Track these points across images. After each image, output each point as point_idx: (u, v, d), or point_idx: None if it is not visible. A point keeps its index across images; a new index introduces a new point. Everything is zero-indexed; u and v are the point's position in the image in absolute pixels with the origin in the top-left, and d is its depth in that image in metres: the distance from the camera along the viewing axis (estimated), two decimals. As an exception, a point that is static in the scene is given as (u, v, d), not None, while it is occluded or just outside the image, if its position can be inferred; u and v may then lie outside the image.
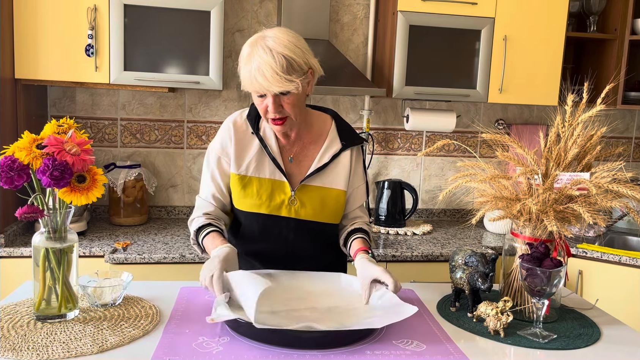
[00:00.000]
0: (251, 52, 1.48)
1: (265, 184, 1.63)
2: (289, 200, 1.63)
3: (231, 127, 1.66)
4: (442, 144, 1.55)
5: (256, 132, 1.65)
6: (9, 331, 1.26)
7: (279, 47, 1.47)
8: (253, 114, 1.66)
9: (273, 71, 1.45)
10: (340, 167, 1.69)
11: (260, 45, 1.48)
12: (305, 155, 1.68)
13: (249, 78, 1.48)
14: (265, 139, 1.65)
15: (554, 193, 1.42)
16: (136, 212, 2.72)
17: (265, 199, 1.63)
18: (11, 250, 2.24)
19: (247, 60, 1.49)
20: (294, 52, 1.49)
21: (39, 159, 1.25)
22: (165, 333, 1.30)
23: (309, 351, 1.23)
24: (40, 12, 2.36)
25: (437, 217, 3.21)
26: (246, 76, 1.49)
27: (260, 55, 1.46)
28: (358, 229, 1.70)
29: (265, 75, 1.45)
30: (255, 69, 1.46)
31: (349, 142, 1.70)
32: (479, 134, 3.18)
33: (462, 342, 1.33)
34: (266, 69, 1.45)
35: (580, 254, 2.57)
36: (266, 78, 1.45)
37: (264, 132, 1.66)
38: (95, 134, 2.84)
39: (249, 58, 1.48)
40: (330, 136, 1.70)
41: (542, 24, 2.75)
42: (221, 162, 1.66)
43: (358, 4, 2.98)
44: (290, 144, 1.67)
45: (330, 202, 1.67)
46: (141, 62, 2.45)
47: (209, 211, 1.66)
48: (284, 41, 1.49)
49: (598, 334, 1.41)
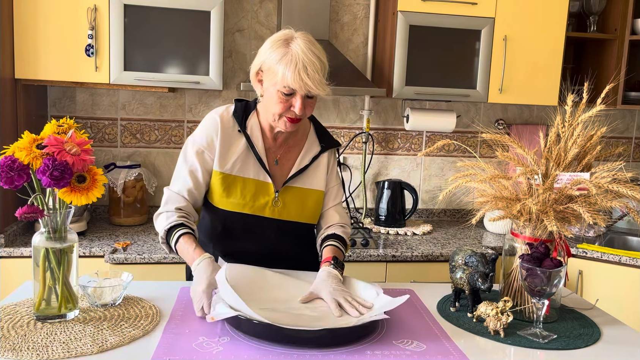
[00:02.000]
0: (289, 49, 1.48)
1: (250, 184, 1.62)
2: (273, 201, 1.64)
3: (218, 121, 1.62)
4: (442, 144, 1.55)
5: (243, 130, 1.63)
6: (9, 331, 1.26)
7: (318, 52, 1.50)
8: (240, 112, 1.64)
9: (317, 73, 1.47)
10: (320, 168, 1.71)
11: (298, 44, 1.48)
12: (288, 159, 1.69)
13: (291, 74, 1.46)
14: (252, 138, 1.63)
15: (554, 193, 1.42)
16: (136, 212, 2.72)
17: (249, 200, 1.62)
18: (11, 250, 2.24)
19: (286, 58, 1.47)
20: (325, 59, 1.54)
21: (39, 159, 1.25)
22: (165, 333, 1.30)
23: (309, 351, 1.23)
24: (40, 12, 2.36)
25: (437, 217, 3.21)
26: (286, 72, 1.46)
27: (305, 54, 1.46)
28: (331, 235, 1.69)
29: (310, 75, 1.46)
30: (302, 66, 1.45)
31: (327, 144, 1.73)
32: (479, 134, 3.18)
33: (462, 342, 1.33)
34: (312, 69, 1.46)
35: (580, 254, 2.57)
36: (311, 77, 1.46)
37: (251, 131, 1.64)
38: (95, 134, 2.84)
39: (287, 54, 1.47)
40: (310, 138, 1.72)
41: (542, 24, 2.75)
42: (204, 156, 1.62)
43: (358, 4, 2.98)
44: (276, 146, 1.67)
45: (311, 203, 1.69)
46: (141, 62, 2.45)
47: (180, 206, 1.59)
48: (318, 47, 1.53)
49: (598, 334, 1.41)
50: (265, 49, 1.53)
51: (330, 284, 1.47)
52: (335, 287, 1.46)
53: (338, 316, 1.37)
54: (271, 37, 1.55)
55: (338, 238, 1.68)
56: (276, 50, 1.49)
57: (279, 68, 1.48)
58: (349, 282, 1.56)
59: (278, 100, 1.51)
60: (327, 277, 1.49)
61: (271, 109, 1.55)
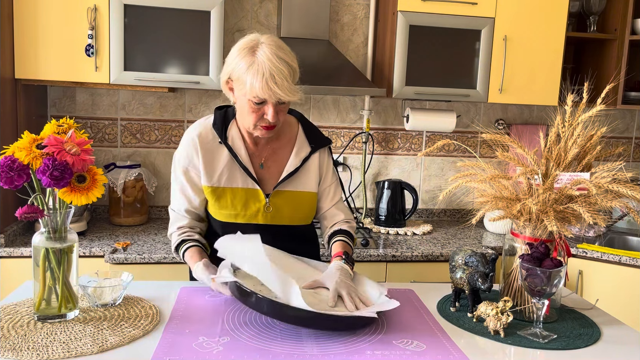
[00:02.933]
0: (254, 58, 1.45)
1: (239, 193, 1.63)
2: (264, 207, 1.64)
3: (196, 140, 1.62)
4: (442, 144, 1.55)
5: (224, 141, 1.63)
6: (9, 331, 1.26)
7: (285, 57, 1.47)
8: (219, 123, 1.64)
9: (285, 79, 1.44)
10: (311, 169, 1.70)
11: (264, 52, 1.45)
12: (275, 161, 1.68)
13: (259, 85, 1.44)
14: (234, 147, 1.63)
15: (554, 193, 1.42)
16: (136, 212, 2.72)
17: (240, 209, 1.63)
18: (11, 250, 2.24)
19: (252, 67, 1.45)
20: (294, 62, 1.51)
21: (39, 159, 1.25)
22: (165, 333, 1.30)
23: (309, 351, 1.23)
24: (40, 12, 2.36)
25: (437, 217, 3.21)
26: (254, 83, 1.44)
27: (271, 62, 1.44)
28: (338, 231, 1.71)
29: (278, 83, 1.44)
30: (269, 75, 1.43)
31: (317, 144, 1.71)
32: (479, 134, 3.18)
33: (462, 342, 1.33)
34: (279, 77, 1.44)
35: (580, 254, 2.57)
36: (279, 86, 1.44)
37: (232, 141, 1.63)
38: (95, 134, 2.84)
39: (254, 64, 1.45)
40: (299, 140, 1.70)
41: (542, 24, 2.75)
42: (190, 174, 1.64)
43: (358, 4, 2.98)
44: (259, 150, 1.67)
45: (303, 205, 1.69)
46: (141, 62, 2.45)
47: (182, 224, 1.68)
48: (286, 50, 1.49)
49: (598, 334, 1.41)
50: (232, 58, 1.51)
51: (338, 276, 1.48)
52: (342, 279, 1.47)
53: (331, 306, 1.39)
54: (237, 44, 1.53)
55: (345, 233, 1.70)
56: (243, 59, 1.47)
57: (247, 78, 1.46)
58: (358, 279, 1.57)
59: (250, 110, 1.51)
60: (337, 270, 1.52)
61: (246, 119, 1.55)
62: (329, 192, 1.74)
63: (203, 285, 1.63)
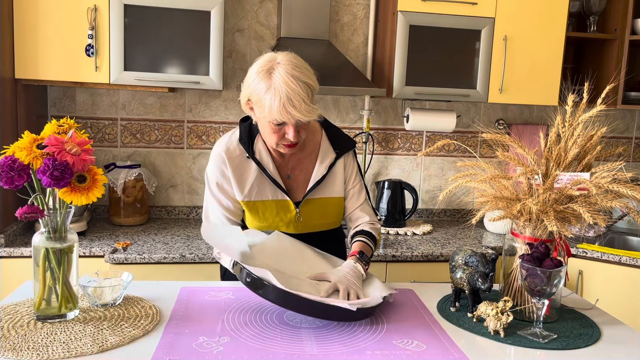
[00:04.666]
0: (271, 81, 1.45)
1: (270, 205, 1.66)
2: (295, 217, 1.67)
3: (224, 156, 1.64)
4: (442, 144, 1.55)
5: (252, 156, 1.64)
6: (9, 331, 1.26)
7: (302, 76, 1.46)
8: (246, 138, 1.65)
9: (303, 101, 1.44)
10: (337, 174, 1.71)
11: (280, 74, 1.45)
12: (301, 170, 1.69)
13: (277, 109, 1.44)
14: (262, 161, 1.64)
15: (554, 193, 1.42)
16: (136, 212, 2.72)
17: (272, 220, 1.66)
18: (11, 250, 2.24)
19: (270, 90, 1.44)
20: (312, 79, 1.50)
21: (39, 159, 1.25)
22: (165, 333, 1.30)
23: (309, 351, 1.23)
24: (40, 12, 2.36)
25: (437, 217, 3.21)
26: (272, 106, 1.44)
27: (288, 85, 1.43)
28: (359, 232, 1.72)
29: (296, 106, 1.44)
30: (286, 99, 1.43)
31: (342, 149, 1.71)
32: (479, 134, 3.18)
33: (462, 342, 1.33)
34: (297, 100, 1.43)
35: (580, 254, 2.57)
36: (297, 108, 1.44)
37: (259, 155, 1.65)
38: (95, 134, 2.84)
39: (271, 88, 1.44)
40: (323, 147, 1.71)
41: (542, 24, 2.75)
42: (224, 187, 1.65)
43: (358, 4, 2.98)
44: (285, 161, 1.69)
45: (332, 210, 1.72)
46: (141, 62, 2.45)
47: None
48: (302, 68, 1.49)
49: (598, 334, 1.41)
50: (251, 80, 1.51)
51: (345, 273, 1.49)
52: (347, 277, 1.47)
53: (322, 296, 1.39)
54: (254, 65, 1.52)
55: (367, 234, 1.71)
56: (260, 83, 1.47)
57: (265, 102, 1.46)
58: (369, 280, 1.58)
59: (271, 130, 1.52)
60: (347, 267, 1.53)
61: (267, 138, 1.57)
62: (353, 194, 1.75)
63: (203, 286, 1.63)
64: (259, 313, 1.44)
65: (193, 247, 2.39)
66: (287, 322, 1.39)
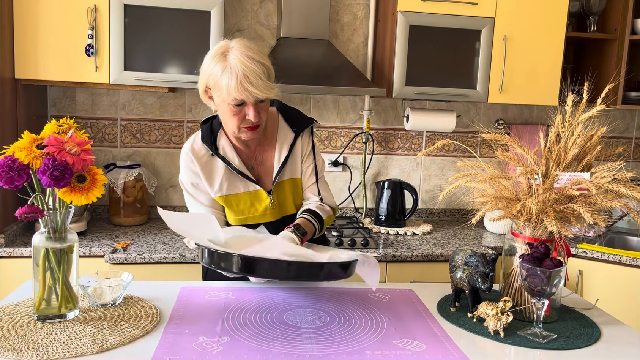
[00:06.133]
0: (227, 62, 1.49)
1: (243, 198, 1.67)
2: (270, 205, 1.68)
3: (191, 155, 1.66)
4: (442, 144, 1.55)
5: (216, 152, 1.66)
6: (9, 331, 1.26)
7: (256, 56, 1.50)
8: (207, 136, 1.67)
9: (259, 78, 1.48)
10: (297, 153, 1.72)
11: (235, 55, 1.49)
12: (266, 157, 1.71)
13: (234, 86, 1.48)
14: (227, 156, 1.66)
15: (554, 193, 1.42)
16: (136, 212, 2.72)
17: (248, 212, 1.68)
18: (11, 250, 2.24)
19: (226, 70, 1.49)
20: (266, 60, 1.54)
21: (39, 159, 1.25)
22: (165, 333, 1.30)
23: (308, 351, 1.23)
24: (40, 12, 2.36)
25: (437, 217, 3.21)
26: (230, 85, 1.48)
27: (243, 63, 1.47)
28: (304, 210, 1.69)
29: (253, 82, 1.47)
30: (242, 77, 1.47)
31: (300, 127, 1.72)
32: (479, 134, 3.18)
33: (462, 342, 1.33)
34: (253, 76, 1.47)
35: (580, 254, 2.57)
36: (254, 85, 1.48)
37: (223, 151, 1.67)
38: (95, 134, 2.84)
39: (227, 68, 1.49)
40: (282, 129, 1.72)
41: (542, 24, 2.75)
42: (198, 185, 1.68)
43: (358, 4, 2.98)
44: (251, 152, 1.70)
45: (300, 189, 1.74)
46: (141, 62, 2.45)
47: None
48: (256, 50, 1.53)
49: (598, 334, 1.41)
50: (206, 67, 1.55)
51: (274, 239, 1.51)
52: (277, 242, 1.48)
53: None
54: (209, 53, 1.57)
55: (310, 212, 1.67)
56: (216, 66, 1.52)
57: (222, 83, 1.50)
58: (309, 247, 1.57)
59: (231, 113, 1.54)
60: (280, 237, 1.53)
61: (229, 123, 1.58)
62: (305, 173, 1.76)
63: (203, 286, 1.63)
64: (258, 313, 1.44)
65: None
66: (287, 322, 1.39)
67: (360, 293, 1.62)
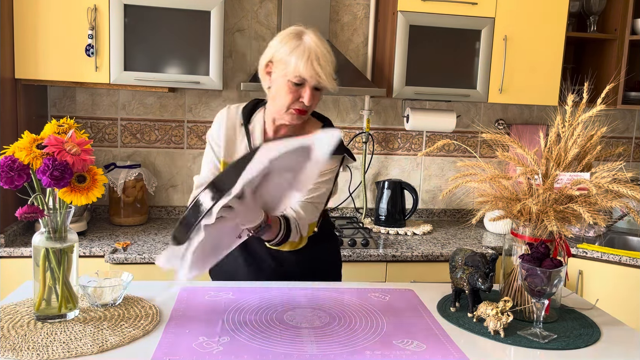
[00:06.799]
0: (301, 41, 1.53)
1: None
2: None
3: (224, 114, 1.70)
4: (442, 144, 1.55)
5: (246, 125, 1.68)
6: (9, 331, 1.26)
7: (328, 47, 1.57)
8: (248, 109, 1.70)
9: (328, 64, 1.54)
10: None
11: (310, 37, 1.54)
12: None
13: (304, 63, 1.51)
14: (253, 133, 1.68)
15: (554, 193, 1.42)
16: (136, 212, 2.72)
17: None
18: (11, 250, 2.24)
19: (299, 49, 1.52)
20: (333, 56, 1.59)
21: (39, 159, 1.25)
22: (165, 333, 1.30)
23: (308, 351, 1.23)
24: (40, 12, 2.36)
25: (437, 217, 3.21)
26: (299, 61, 1.51)
27: (317, 46, 1.53)
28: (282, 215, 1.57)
29: (322, 65, 1.52)
30: (315, 56, 1.51)
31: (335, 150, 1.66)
32: (479, 134, 3.18)
33: (462, 342, 1.33)
34: (324, 60, 1.53)
35: (580, 254, 2.57)
36: (322, 67, 1.52)
37: (253, 127, 1.69)
38: (95, 134, 2.84)
39: (300, 46, 1.52)
40: None
41: (542, 24, 2.75)
42: (216, 148, 1.70)
43: (358, 4, 2.98)
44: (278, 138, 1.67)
45: None
46: (141, 62, 2.45)
47: None
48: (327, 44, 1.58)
49: (598, 334, 1.41)
50: (276, 42, 1.58)
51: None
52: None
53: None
54: (281, 31, 1.60)
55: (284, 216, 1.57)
56: (288, 43, 1.55)
57: (291, 58, 1.53)
58: None
59: (287, 90, 1.55)
60: None
61: (280, 100, 1.58)
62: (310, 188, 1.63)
63: (203, 286, 1.63)
64: (258, 313, 1.44)
65: (193, 247, 2.39)
66: (287, 322, 1.39)
67: (360, 293, 1.62)
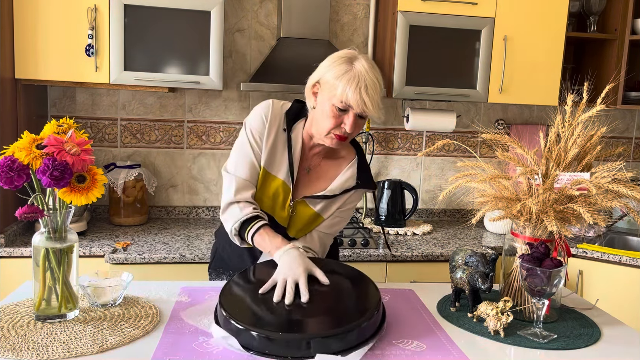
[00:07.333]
0: (352, 67, 1.50)
1: (276, 182, 1.62)
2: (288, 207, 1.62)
3: (269, 109, 1.61)
4: (442, 144, 1.55)
5: (288, 130, 1.62)
6: (9, 331, 1.26)
7: (379, 75, 1.55)
8: (293, 113, 1.64)
9: (377, 93, 1.51)
10: (341, 200, 1.68)
11: (362, 64, 1.51)
12: (318, 173, 1.67)
13: (352, 91, 1.48)
14: (293, 141, 1.63)
15: (554, 193, 1.42)
16: (136, 212, 2.73)
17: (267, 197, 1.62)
18: (11, 250, 2.24)
19: (348, 74, 1.49)
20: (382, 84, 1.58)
21: (39, 159, 1.25)
22: (165, 333, 1.30)
23: (309, 351, 1.23)
24: (40, 12, 2.36)
25: (437, 217, 3.21)
26: (347, 88, 1.48)
27: (368, 74, 1.50)
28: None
29: (370, 94, 1.49)
30: (364, 84, 1.48)
31: (363, 184, 1.68)
32: (479, 134, 3.18)
33: (462, 342, 1.33)
34: (372, 89, 1.50)
35: (580, 254, 2.57)
36: (370, 96, 1.49)
37: (295, 135, 1.63)
38: (95, 134, 2.84)
39: (350, 72, 1.49)
40: (350, 170, 1.68)
41: (542, 24, 2.75)
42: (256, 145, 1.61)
43: (358, 4, 2.98)
44: (312, 155, 1.67)
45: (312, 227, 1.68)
46: (141, 62, 2.45)
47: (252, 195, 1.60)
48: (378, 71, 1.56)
49: (598, 334, 1.41)
50: (327, 64, 1.55)
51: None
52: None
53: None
54: (334, 54, 1.57)
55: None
56: (339, 66, 1.52)
57: (340, 83, 1.49)
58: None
59: (331, 114, 1.52)
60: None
61: (322, 123, 1.55)
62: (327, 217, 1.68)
63: (203, 286, 1.63)
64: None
65: (193, 247, 2.39)
66: (287, 322, 1.39)
67: (360, 293, 1.62)
